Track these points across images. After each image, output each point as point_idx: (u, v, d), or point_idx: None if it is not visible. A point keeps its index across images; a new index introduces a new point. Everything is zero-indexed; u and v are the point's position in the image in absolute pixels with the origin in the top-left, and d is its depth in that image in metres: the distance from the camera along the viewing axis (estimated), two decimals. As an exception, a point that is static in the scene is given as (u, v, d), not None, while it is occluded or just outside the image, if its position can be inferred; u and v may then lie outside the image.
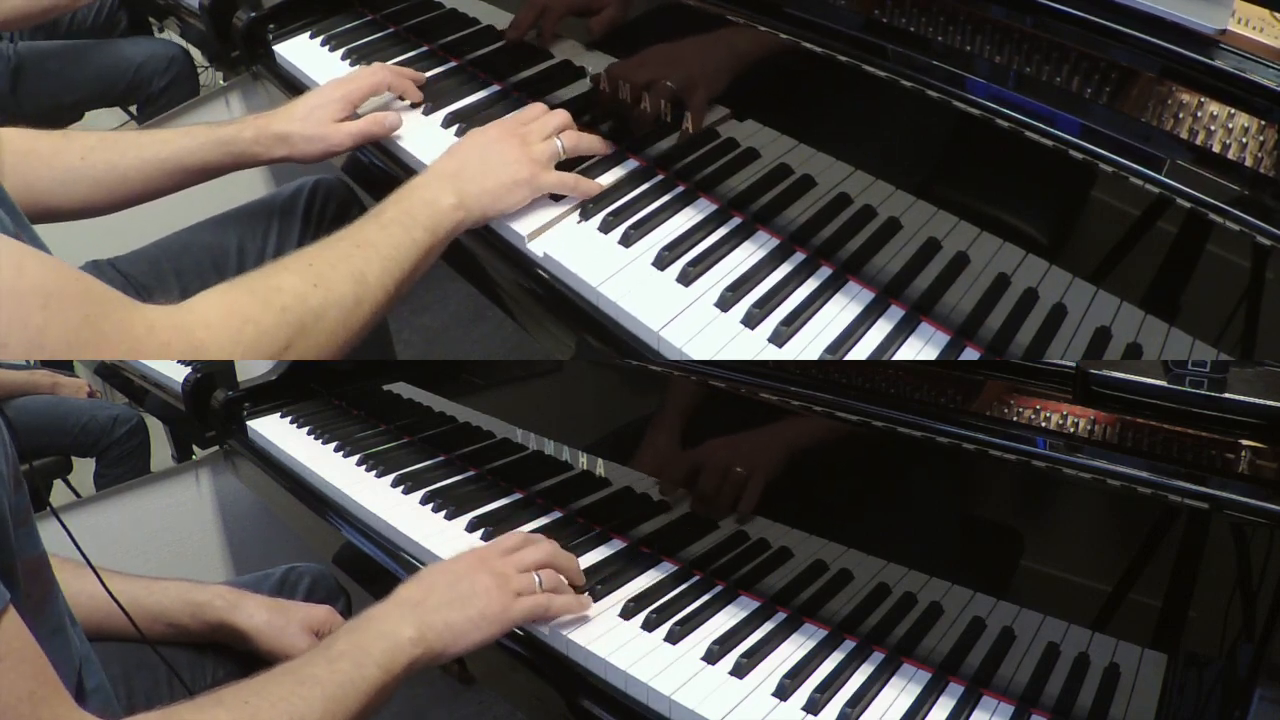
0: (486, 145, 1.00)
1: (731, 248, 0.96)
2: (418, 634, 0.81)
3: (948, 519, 0.86)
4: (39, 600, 0.75)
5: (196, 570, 1.69)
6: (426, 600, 0.84)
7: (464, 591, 0.86)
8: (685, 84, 0.98)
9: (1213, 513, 0.69)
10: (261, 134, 1.09)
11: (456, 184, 0.95)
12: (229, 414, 1.53)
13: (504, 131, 1.02)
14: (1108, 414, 0.77)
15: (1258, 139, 0.68)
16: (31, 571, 0.72)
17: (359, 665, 0.77)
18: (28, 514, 0.72)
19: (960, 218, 0.82)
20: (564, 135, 1.02)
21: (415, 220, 0.91)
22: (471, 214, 0.96)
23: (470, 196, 0.95)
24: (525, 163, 0.98)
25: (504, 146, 0.99)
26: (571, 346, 0.97)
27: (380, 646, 0.79)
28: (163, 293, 1.18)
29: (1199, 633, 0.71)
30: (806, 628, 0.94)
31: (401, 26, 1.34)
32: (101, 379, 1.68)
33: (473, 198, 0.95)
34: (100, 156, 1.05)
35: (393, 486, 1.27)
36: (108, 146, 1.06)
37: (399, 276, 0.88)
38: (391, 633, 0.80)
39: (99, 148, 1.06)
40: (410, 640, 0.81)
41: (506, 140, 1.00)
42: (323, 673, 0.75)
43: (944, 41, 0.80)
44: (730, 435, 0.97)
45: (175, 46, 1.80)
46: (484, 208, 0.97)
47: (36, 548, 0.74)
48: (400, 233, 0.90)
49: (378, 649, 0.79)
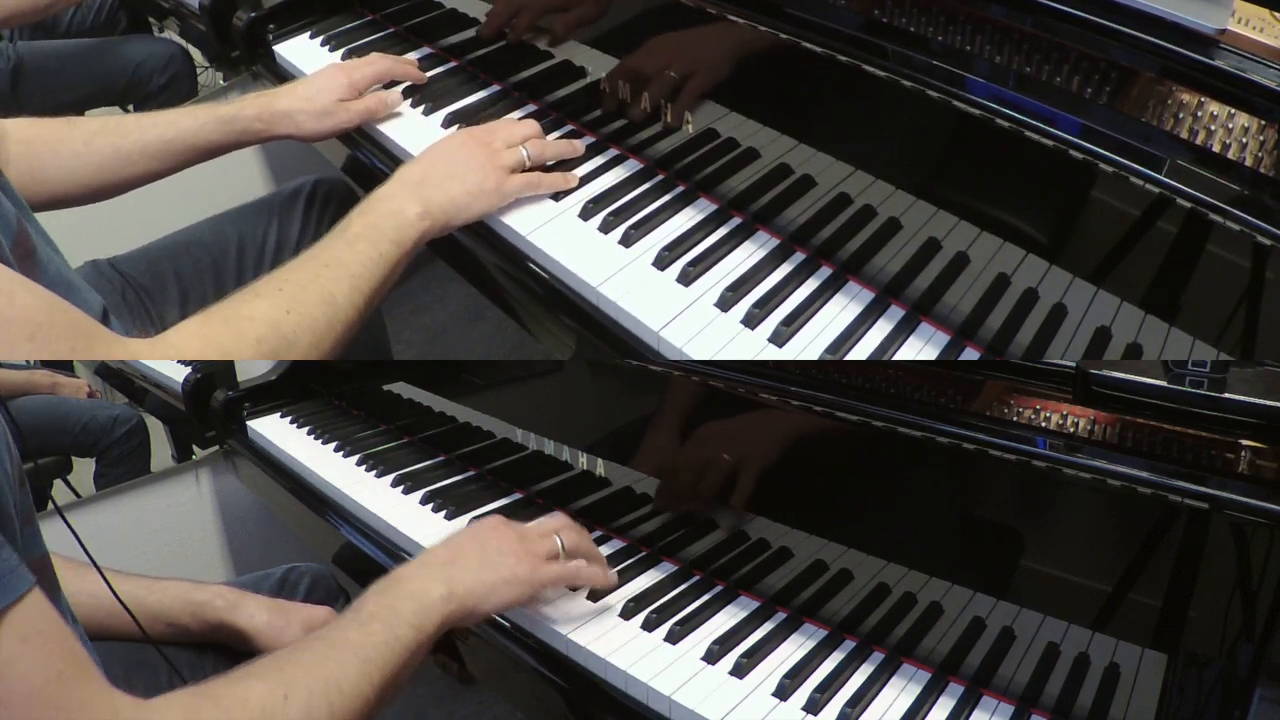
0: (451, 153, 1.00)
1: (731, 248, 0.96)
2: (448, 591, 0.81)
3: (948, 519, 0.86)
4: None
5: (196, 570, 1.69)
6: (456, 560, 0.86)
7: (491, 553, 0.87)
8: (685, 83, 0.98)
9: (1213, 513, 0.69)
10: (264, 111, 1.10)
11: (421, 192, 0.95)
12: (229, 414, 1.53)
13: (469, 138, 1.02)
14: (1108, 414, 0.77)
15: (1258, 139, 0.68)
16: (35, 572, 0.72)
17: (391, 626, 0.77)
18: (31, 513, 0.72)
19: (960, 218, 0.82)
20: (529, 144, 1.02)
21: (381, 234, 0.91)
22: (437, 222, 0.96)
23: (435, 205, 0.95)
24: (491, 170, 0.99)
25: (469, 153, 0.99)
26: (571, 346, 0.97)
27: (411, 606, 0.79)
28: (161, 293, 1.18)
29: (1199, 633, 0.71)
30: (806, 628, 0.94)
31: (401, 26, 1.34)
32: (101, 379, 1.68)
33: (438, 206, 0.95)
34: (104, 141, 1.06)
35: (393, 486, 1.27)
36: (110, 131, 1.07)
37: (368, 293, 0.89)
38: (422, 592, 0.80)
39: (102, 132, 1.07)
40: (441, 598, 0.81)
41: (471, 147, 1.00)
42: (355, 636, 0.75)
43: (944, 41, 0.80)
44: (730, 434, 0.97)
45: (174, 45, 1.80)
46: (449, 215, 0.97)
47: (40, 548, 0.74)
48: (367, 248, 0.90)
49: (408, 609, 0.79)
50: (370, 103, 1.14)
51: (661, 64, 1.00)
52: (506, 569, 0.87)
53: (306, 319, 0.84)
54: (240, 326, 0.80)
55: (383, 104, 1.15)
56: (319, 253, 0.90)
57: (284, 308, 0.83)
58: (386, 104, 1.15)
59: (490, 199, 0.99)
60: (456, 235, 1.04)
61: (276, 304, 0.83)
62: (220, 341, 0.79)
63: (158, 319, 1.15)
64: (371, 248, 0.90)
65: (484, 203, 0.99)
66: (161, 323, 1.15)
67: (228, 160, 1.15)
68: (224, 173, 1.25)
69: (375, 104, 1.14)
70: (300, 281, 0.86)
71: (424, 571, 0.84)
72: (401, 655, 0.76)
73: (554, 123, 1.13)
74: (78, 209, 1.09)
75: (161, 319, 1.15)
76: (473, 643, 1.01)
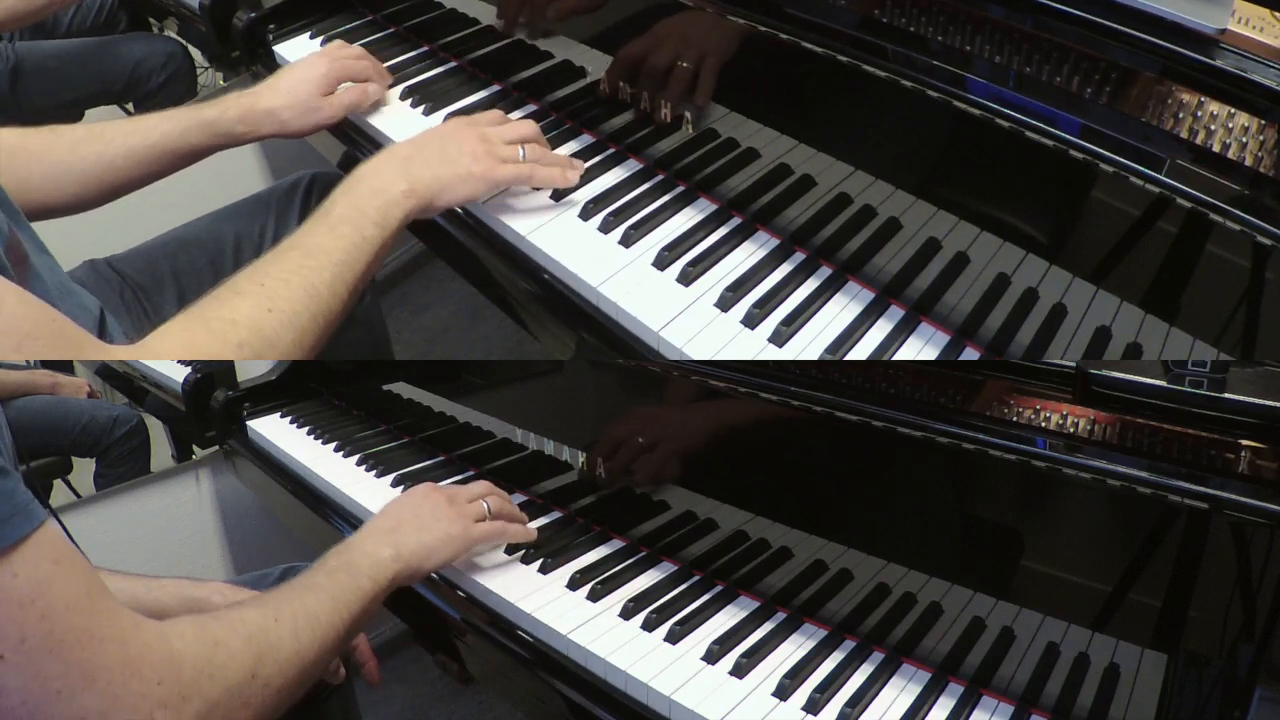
0: (446, 134, 1.00)
1: (731, 248, 0.96)
2: (395, 553, 0.93)
3: (948, 519, 0.86)
4: None
5: (196, 570, 1.69)
6: (398, 528, 0.97)
7: (427, 518, 0.99)
8: (686, 83, 0.98)
9: (1213, 513, 0.69)
10: (247, 113, 1.09)
11: (408, 168, 0.94)
12: (229, 414, 1.53)
13: (465, 124, 1.02)
14: (1108, 414, 0.77)
15: (1258, 139, 0.68)
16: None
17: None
18: None
19: (960, 218, 0.82)
20: (529, 148, 1.01)
21: (365, 216, 0.90)
22: (422, 200, 0.94)
23: (421, 182, 0.94)
24: (483, 156, 0.98)
25: (463, 137, 0.99)
26: (571, 346, 0.97)
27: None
28: (159, 292, 1.18)
29: (1199, 633, 0.71)
30: (806, 628, 0.94)
31: (401, 26, 1.33)
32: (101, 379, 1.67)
33: (424, 184, 0.94)
34: (88, 149, 1.06)
35: (393, 486, 1.27)
36: (94, 138, 1.07)
37: (350, 281, 0.88)
38: (373, 552, 0.92)
39: (86, 139, 1.06)
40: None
41: (465, 132, 1.00)
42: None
43: (944, 41, 0.80)
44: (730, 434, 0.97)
45: (173, 43, 1.80)
46: (434, 194, 0.95)
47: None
48: (351, 232, 0.89)
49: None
50: (353, 96, 1.14)
51: (662, 61, 1.00)
52: (441, 530, 0.99)
53: (289, 315, 0.83)
54: (222, 331, 0.79)
55: (365, 96, 1.15)
56: (301, 240, 0.89)
57: (265, 306, 0.82)
58: (368, 95, 1.15)
59: (477, 185, 0.97)
60: (456, 235, 1.04)
61: (258, 302, 0.82)
62: (201, 346, 0.79)
63: (155, 318, 1.15)
64: (355, 232, 0.89)
65: (470, 187, 0.97)
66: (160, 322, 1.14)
67: (224, 158, 1.15)
68: (221, 170, 1.25)
69: (357, 96, 1.14)
70: (281, 275, 0.85)
71: (372, 537, 0.95)
72: (362, 600, 0.86)
73: (554, 123, 1.13)
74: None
75: (159, 318, 1.15)
76: (473, 643, 1.02)
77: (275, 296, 0.83)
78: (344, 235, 0.89)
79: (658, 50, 1.00)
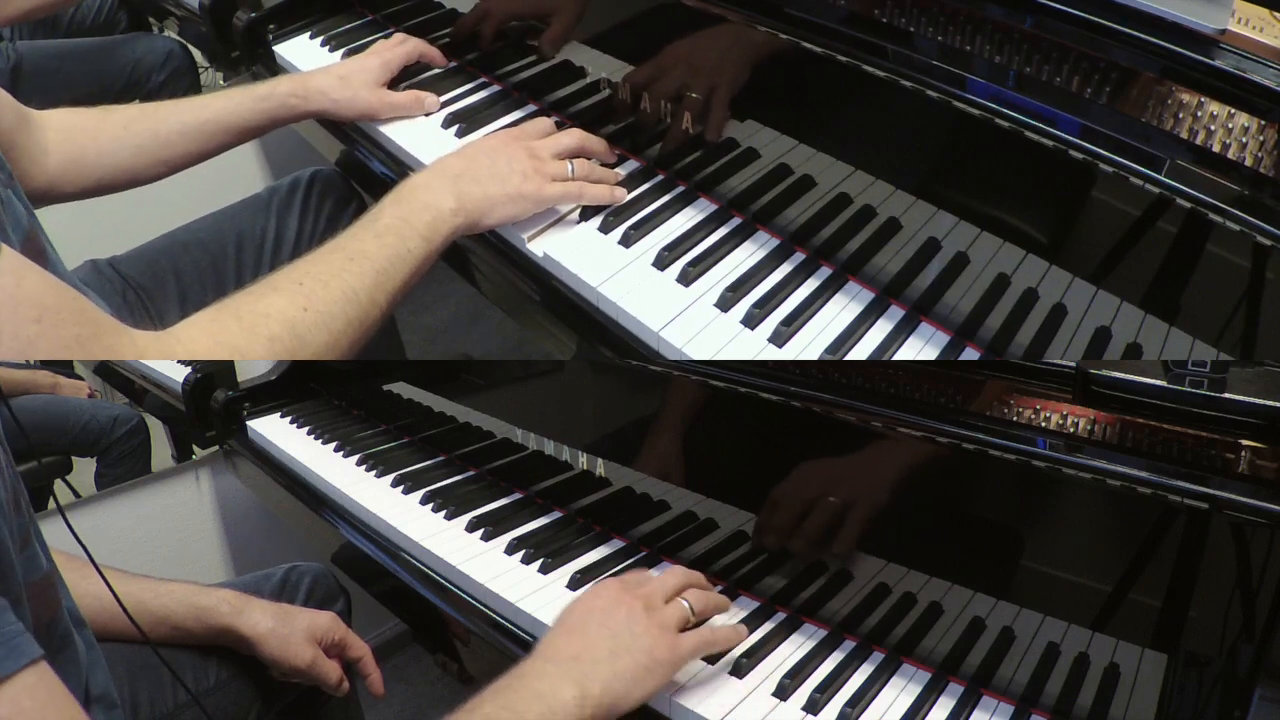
0: (496, 151, 0.97)
1: (731, 248, 0.96)
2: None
3: (948, 519, 0.86)
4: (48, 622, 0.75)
5: (196, 570, 1.69)
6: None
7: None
8: (686, 84, 0.98)
9: (1213, 513, 0.69)
10: (299, 87, 1.11)
11: (458, 186, 0.93)
12: (229, 414, 1.53)
13: (515, 137, 1.00)
14: (1108, 414, 0.77)
15: (1258, 139, 0.68)
16: (38, 593, 0.72)
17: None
18: (29, 535, 0.72)
19: (960, 218, 0.82)
20: (577, 163, 1.00)
21: (412, 228, 0.89)
22: (470, 218, 0.93)
23: (471, 200, 0.93)
24: (533, 175, 0.96)
25: (513, 153, 0.97)
26: (571, 346, 0.97)
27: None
28: (161, 292, 1.18)
29: (1199, 633, 0.71)
30: (806, 628, 0.94)
31: (401, 26, 1.33)
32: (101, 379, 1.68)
33: (473, 201, 0.93)
34: (142, 126, 1.07)
35: (393, 486, 1.27)
36: (148, 116, 1.08)
37: (391, 290, 0.86)
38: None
39: (140, 118, 1.08)
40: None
41: (515, 148, 0.98)
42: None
43: (944, 41, 0.80)
44: (730, 437, 0.97)
45: (173, 42, 1.80)
46: (483, 213, 0.94)
47: (41, 569, 0.73)
48: (395, 242, 0.87)
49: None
50: (407, 100, 1.15)
51: (664, 64, 1.00)
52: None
53: (324, 316, 0.81)
54: (254, 324, 0.77)
55: (419, 104, 1.15)
56: (345, 243, 0.87)
57: (301, 304, 0.80)
58: (424, 104, 1.15)
59: (526, 204, 0.96)
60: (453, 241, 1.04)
61: (294, 300, 0.80)
62: (231, 339, 0.77)
63: (157, 319, 1.15)
64: (400, 243, 0.87)
65: (519, 207, 0.96)
66: (161, 322, 1.15)
67: (225, 158, 1.16)
68: (221, 170, 1.25)
69: (411, 102, 1.15)
70: (321, 276, 0.83)
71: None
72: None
73: (554, 123, 1.13)
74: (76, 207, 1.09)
75: (161, 319, 1.15)
76: (473, 642, 1.02)
77: (312, 296, 0.81)
78: (389, 244, 0.87)
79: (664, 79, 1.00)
